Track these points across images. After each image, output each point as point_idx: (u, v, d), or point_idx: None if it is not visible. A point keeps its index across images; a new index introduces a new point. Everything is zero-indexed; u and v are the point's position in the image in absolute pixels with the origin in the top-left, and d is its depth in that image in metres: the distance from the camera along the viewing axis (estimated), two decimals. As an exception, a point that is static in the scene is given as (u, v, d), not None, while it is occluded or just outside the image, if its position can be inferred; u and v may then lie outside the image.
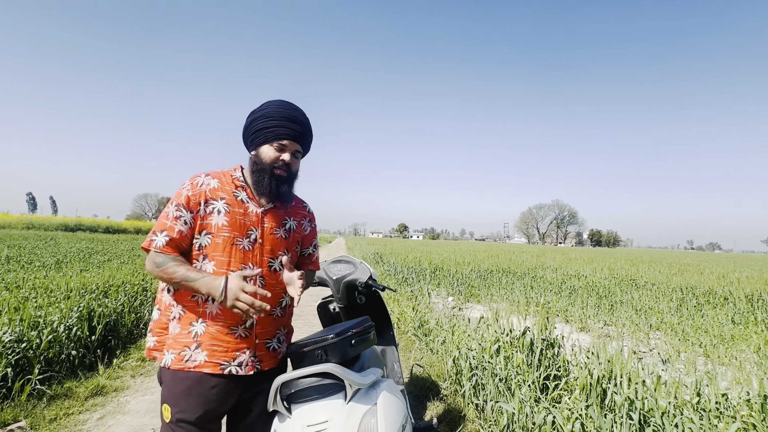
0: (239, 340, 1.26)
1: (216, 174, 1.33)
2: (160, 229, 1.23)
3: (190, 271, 1.19)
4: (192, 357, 1.22)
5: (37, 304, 3.87)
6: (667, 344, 4.92)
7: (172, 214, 1.24)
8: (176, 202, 1.26)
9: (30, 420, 2.51)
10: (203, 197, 1.27)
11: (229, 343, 1.25)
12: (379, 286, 2.08)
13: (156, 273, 1.21)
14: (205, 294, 1.19)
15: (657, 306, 6.86)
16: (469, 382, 2.56)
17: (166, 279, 1.20)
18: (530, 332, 2.71)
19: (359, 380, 1.29)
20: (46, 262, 8.06)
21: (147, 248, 1.23)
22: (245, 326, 1.28)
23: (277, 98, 1.38)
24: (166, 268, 1.19)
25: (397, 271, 9.69)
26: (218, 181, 1.30)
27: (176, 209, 1.25)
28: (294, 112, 1.32)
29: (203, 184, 1.29)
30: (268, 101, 1.35)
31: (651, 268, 15.58)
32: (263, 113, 1.30)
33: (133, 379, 3.30)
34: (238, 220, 1.28)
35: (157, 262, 1.20)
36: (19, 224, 31.17)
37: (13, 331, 2.98)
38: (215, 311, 1.25)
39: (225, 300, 1.14)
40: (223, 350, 1.24)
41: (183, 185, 1.29)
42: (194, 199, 1.26)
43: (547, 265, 14.77)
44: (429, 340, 3.83)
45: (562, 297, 7.37)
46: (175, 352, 1.23)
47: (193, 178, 1.31)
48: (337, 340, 1.31)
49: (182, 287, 1.21)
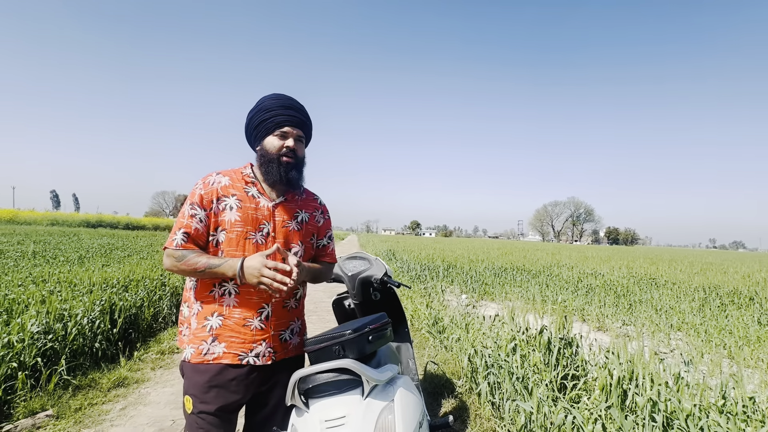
0: (255, 331, 1.29)
1: (227, 172, 1.36)
2: (178, 228, 1.28)
3: (211, 258, 1.23)
4: (210, 350, 1.25)
5: (62, 298, 4.00)
6: (690, 345, 4.78)
7: (187, 212, 1.28)
8: (190, 201, 1.30)
9: (57, 409, 2.60)
10: (215, 195, 1.30)
11: (246, 335, 1.28)
12: (395, 282, 2.08)
13: (178, 267, 1.23)
14: (230, 277, 1.22)
15: (678, 306, 6.67)
16: (485, 381, 2.54)
17: (189, 271, 1.22)
18: (547, 331, 2.66)
19: (376, 376, 1.29)
20: (70, 257, 8.32)
21: (168, 247, 1.26)
22: (261, 318, 1.30)
23: None
24: (187, 260, 1.22)
25: (410, 268, 9.67)
26: (229, 179, 1.34)
27: (191, 208, 1.28)
28: (289, 101, 1.36)
29: (215, 182, 1.32)
30: (263, 96, 1.38)
31: (671, 266, 15.15)
32: (261, 107, 1.34)
33: (153, 371, 3.39)
34: (249, 215, 1.31)
35: (176, 256, 1.23)
36: (44, 221, 32.34)
37: (40, 323, 3.09)
38: (232, 304, 1.28)
39: (243, 277, 1.19)
40: (240, 342, 1.27)
41: (196, 185, 1.33)
42: (207, 197, 1.30)
43: (563, 263, 14.52)
44: (443, 338, 3.81)
45: (579, 296, 7.23)
46: (194, 346, 1.27)
47: (205, 177, 1.35)
48: (355, 336, 1.30)
49: (207, 276, 1.24)
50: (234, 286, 1.29)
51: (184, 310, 1.36)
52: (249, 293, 1.29)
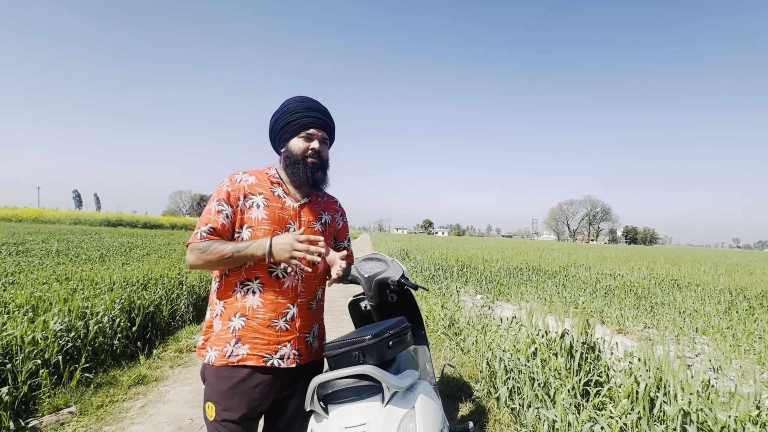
0: (281, 332, 1.29)
1: (253, 172, 1.38)
2: (203, 223, 1.27)
3: (237, 243, 1.22)
4: (234, 352, 1.24)
5: (84, 296, 4.09)
6: (716, 350, 4.59)
7: (214, 208, 1.28)
8: (217, 197, 1.30)
9: (79, 406, 2.65)
10: (242, 192, 1.31)
11: (271, 336, 1.27)
12: (412, 284, 2.04)
13: (203, 259, 1.21)
14: (260, 257, 1.20)
15: (702, 309, 6.44)
16: (505, 386, 2.47)
17: (215, 260, 1.20)
18: (569, 335, 2.58)
19: (397, 383, 1.26)
20: (92, 255, 8.55)
21: (192, 242, 1.24)
22: (286, 319, 1.29)
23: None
24: (212, 249, 1.21)
25: (424, 268, 9.61)
26: (255, 178, 1.35)
27: (217, 204, 1.28)
28: (313, 103, 1.37)
29: (241, 180, 1.33)
30: (287, 99, 1.39)
31: (694, 267, 14.67)
32: (285, 109, 1.35)
33: (171, 369, 3.43)
34: (276, 214, 1.31)
35: (201, 247, 1.22)
36: (67, 220, 33.41)
37: (63, 321, 3.16)
38: (255, 305, 1.26)
39: (273, 255, 1.19)
40: (265, 343, 1.26)
41: (222, 182, 1.34)
42: (234, 194, 1.30)
43: (580, 263, 14.21)
44: (459, 340, 3.75)
45: (597, 297, 7.05)
46: (218, 348, 1.26)
47: (231, 175, 1.35)
48: (375, 341, 1.28)
49: (234, 262, 1.22)
50: (259, 285, 1.27)
51: (208, 315, 1.35)
52: (274, 293, 1.28)
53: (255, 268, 1.27)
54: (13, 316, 3.34)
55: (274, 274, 1.29)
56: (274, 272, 1.29)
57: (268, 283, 1.28)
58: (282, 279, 1.30)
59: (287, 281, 1.31)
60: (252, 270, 1.28)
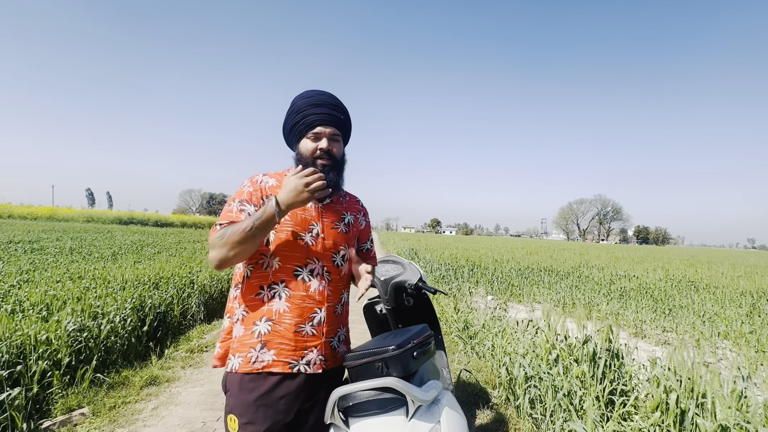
0: (307, 338, 1.24)
1: (272, 174, 1.35)
2: (223, 218, 1.22)
3: (239, 223, 1.15)
4: (259, 358, 1.20)
5: (97, 294, 4.10)
6: (740, 355, 4.43)
7: (236, 208, 1.23)
8: (239, 198, 1.26)
9: (92, 407, 2.63)
10: (264, 193, 1.28)
11: (298, 342, 1.22)
12: (430, 288, 1.97)
13: (226, 244, 1.13)
14: (272, 211, 1.13)
15: (723, 312, 6.24)
16: (526, 394, 2.38)
17: (237, 238, 1.12)
18: (592, 342, 2.48)
19: (422, 396, 1.19)
20: (104, 254, 8.63)
21: (211, 235, 1.20)
22: (313, 323, 1.25)
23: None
24: (232, 230, 1.14)
25: (434, 268, 9.51)
26: (275, 180, 1.31)
27: (240, 204, 1.24)
28: (321, 97, 1.30)
29: (262, 181, 1.30)
30: (297, 95, 1.33)
31: (711, 269, 14.32)
32: (293, 108, 1.29)
33: (183, 370, 3.41)
34: (298, 215, 1.27)
35: (220, 234, 1.16)
36: (80, 218, 33.99)
37: (75, 320, 3.16)
38: (282, 308, 1.22)
39: (284, 205, 1.14)
40: (291, 349, 1.21)
41: (243, 184, 1.31)
42: (256, 194, 1.27)
43: (592, 263, 13.97)
44: (475, 343, 3.66)
45: (613, 299, 6.89)
46: (241, 355, 1.20)
47: (252, 177, 1.33)
48: (399, 352, 1.20)
49: (259, 233, 1.14)
50: (285, 289, 1.23)
51: (225, 322, 1.30)
52: (301, 297, 1.24)
53: (280, 271, 1.23)
54: (27, 315, 3.35)
55: (300, 277, 1.24)
56: (300, 275, 1.24)
57: (294, 286, 1.24)
58: (308, 282, 1.25)
59: (313, 284, 1.26)
60: (277, 273, 1.23)
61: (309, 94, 1.31)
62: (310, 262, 1.26)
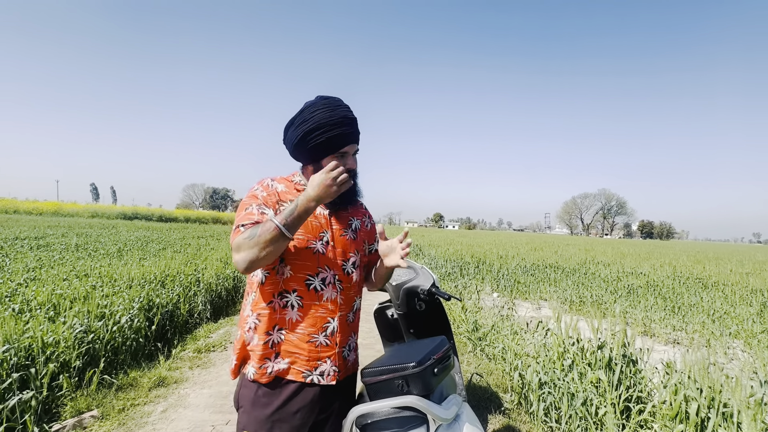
0: (321, 348, 1.21)
1: (280, 179, 1.30)
2: (246, 220, 1.14)
3: (270, 223, 1.08)
4: (274, 367, 1.18)
5: (104, 293, 4.09)
6: (752, 356, 4.37)
7: (256, 210, 1.17)
8: (255, 203, 1.20)
9: (101, 409, 2.62)
10: (277, 198, 1.23)
11: (311, 352, 1.20)
12: (444, 294, 1.92)
13: (258, 244, 1.06)
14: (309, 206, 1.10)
15: (733, 310, 6.16)
16: (540, 402, 2.34)
17: (269, 237, 1.06)
18: (608, 347, 2.43)
19: (443, 415, 1.15)
20: (109, 250, 8.65)
21: (235, 237, 1.11)
22: (326, 333, 1.22)
23: (318, 96, 1.27)
24: (263, 228, 1.07)
25: (439, 265, 9.46)
26: (284, 186, 1.27)
27: (259, 207, 1.18)
28: (344, 111, 1.23)
29: (272, 186, 1.26)
30: (313, 105, 1.22)
31: (719, 266, 14.18)
32: (316, 123, 1.18)
33: (191, 370, 3.39)
34: (309, 223, 1.24)
35: (248, 235, 1.08)
36: (85, 213, 34.14)
37: (82, 321, 3.14)
38: (295, 318, 1.20)
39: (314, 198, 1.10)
40: (305, 359, 1.19)
41: (254, 189, 1.25)
42: (270, 199, 1.22)
43: (598, 259, 13.87)
44: (485, 345, 3.62)
45: (620, 297, 6.83)
46: (256, 365, 1.19)
47: (261, 181, 1.28)
48: (420, 370, 1.16)
49: (292, 228, 1.09)
50: (297, 298, 1.20)
51: (239, 333, 1.27)
52: (314, 306, 1.21)
53: (292, 280, 1.20)
54: (35, 315, 3.34)
55: (312, 287, 1.21)
56: (312, 284, 1.21)
57: (307, 296, 1.21)
58: (320, 291, 1.22)
59: (326, 293, 1.23)
60: (289, 282, 1.20)
61: (332, 106, 1.21)
62: (322, 271, 1.23)
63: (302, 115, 1.22)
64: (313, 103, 1.23)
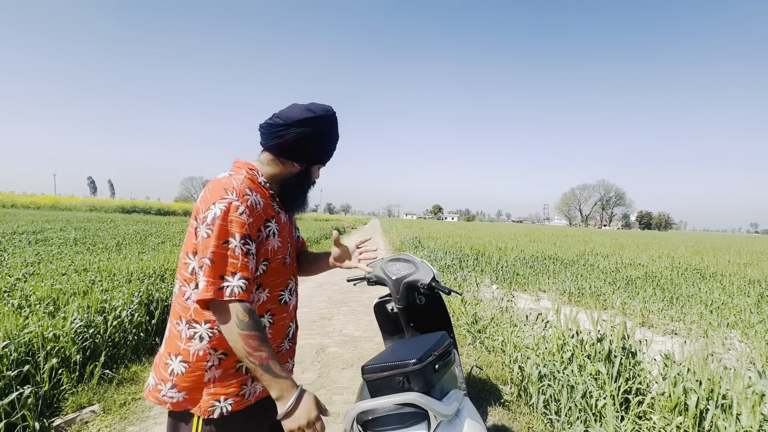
0: (286, 353, 1.22)
1: (252, 186, 1.09)
2: (230, 270, 0.95)
3: (273, 359, 0.95)
4: (251, 391, 1.11)
5: (103, 288, 4.08)
6: (749, 346, 4.41)
7: (239, 248, 0.96)
8: (240, 232, 0.97)
9: (102, 404, 2.63)
10: (261, 221, 1.06)
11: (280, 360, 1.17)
12: (444, 289, 1.91)
13: (240, 335, 0.93)
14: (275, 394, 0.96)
15: (730, 301, 6.20)
16: (540, 394, 2.35)
17: (242, 350, 0.93)
18: (607, 340, 2.43)
19: (445, 411, 1.15)
20: (108, 244, 8.62)
21: (215, 298, 0.93)
22: (289, 337, 1.21)
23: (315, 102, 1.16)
24: (255, 335, 0.94)
25: (438, 257, 9.48)
26: (260, 195, 1.09)
27: (243, 242, 0.98)
28: (337, 128, 1.20)
29: (256, 204, 1.05)
30: (328, 113, 1.13)
31: (717, 256, 14.25)
32: (323, 132, 1.12)
33: (191, 364, 3.40)
34: (285, 237, 1.16)
35: (242, 320, 0.93)
36: (83, 207, 34.02)
37: (82, 316, 3.14)
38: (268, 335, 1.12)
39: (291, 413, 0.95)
40: None
41: (235, 209, 0.98)
42: (255, 225, 1.04)
43: (597, 251, 13.92)
44: (484, 338, 3.64)
45: (619, 288, 6.86)
46: (231, 395, 1.07)
47: (241, 196, 1.01)
48: (421, 366, 1.15)
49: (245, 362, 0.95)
50: (269, 317, 1.12)
51: (184, 370, 1.03)
52: (282, 318, 1.17)
53: (268, 302, 1.11)
54: (34, 310, 3.33)
55: (283, 300, 1.16)
56: (283, 298, 1.16)
57: (279, 311, 1.15)
58: (288, 302, 1.18)
59: (291, 302, 1.20)
60: (264, 305, 1.11)
61: (334, 122, 1.17)
62: (290, 282, 1.19)
63: (312, 118, 1.11)
64: (331, 114, 1.15)
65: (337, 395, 2.89)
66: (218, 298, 0.93)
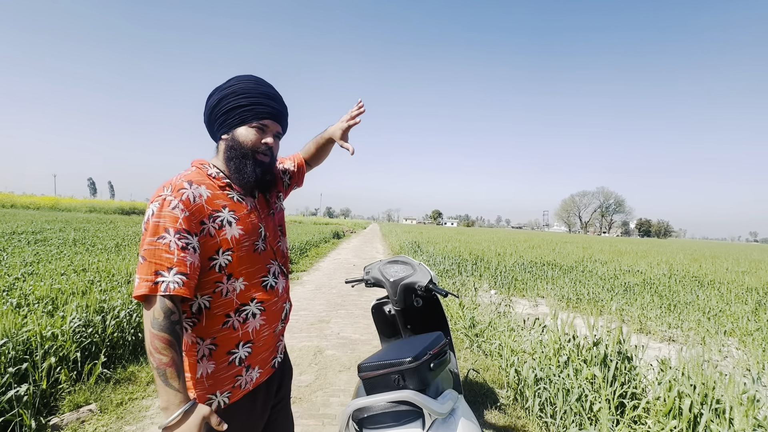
0: (278, 335, 1.22)
1: (196, 179, 1.06)
2: (165, 265, 0.92)
3: (173, 367, 0.89)
4: (246, 381, 1.12)
5: (102, 288, 4.09)
6: (746, 353, 4.41)
7: (174, 242, 0.94)
8: (173, 227, 0.95)
9: (99, 403, 2.63)
10: (203, 213, 1.02)
11: (274, 341, 1.21)
12: (441, 290, 1.94)
13: (149, 333, 0.89)
14: (162, 403, 0.89)
15: (728, 309, 6.21)
16: (536, 398, 2.36)
17: (147, 348, 0.90)
18: (603, 344, 2.45)
19: (440, 409, 1.16)
20: (107, 245, 8.63)
21: (149, 294, 0.90)
22: (282, 320, 1.22)
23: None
24: (163, 336, 0.89)
25: (437, 262, 9.49)
26: (206, 187, 1.06)
27: (178, 236, 0.95)
28: (270, 88, 1.15)
29: (195, 196, 1.01)
30: (236, 76, 1.14)
31: (715, 264, 14.26)
32: (234, 89, 1.10)
33: (189, 365, 3.40)
34: (249, 224, 1.11)
35: (156, 318, 0.89)
36: (83, 207, 34.01)
37: (80, 316, 3.15)
38: (258, 325, 1.11)
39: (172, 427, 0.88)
40: (271, 351, 1.20)
41: (168, 204, 0.97)
42: (195, 218, 1.00)
43: (596, 257, 13.93)
44: (481, 342, 3.65)
45: (617, 294, 6.87)
46: (227, 388, 1.07)
47: (176, 191, 0.99)
48: (416, 364, 1.18)
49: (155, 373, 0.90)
50: (257, 305, 1.10)
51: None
52: (273, 303, 1.15)
53: (247, 290, 1.08)
54: (33, 309, 3.34)
55: (268, 285, 1.14)
56: (267, 283, 1.14)
57: (266, 297, 1.13)
58: (276, 285, 1.16)
59: (279, 285, 1.18)
60: (244, 293, 1.08)
61: (258, 80, 1.14)
62: (271, 265, 1.16)
63: (225, 83, 1.14)
64: (240, 76, 1.15)
65: (334, 397, 2.90)
66: (153, 293, 0.90)
